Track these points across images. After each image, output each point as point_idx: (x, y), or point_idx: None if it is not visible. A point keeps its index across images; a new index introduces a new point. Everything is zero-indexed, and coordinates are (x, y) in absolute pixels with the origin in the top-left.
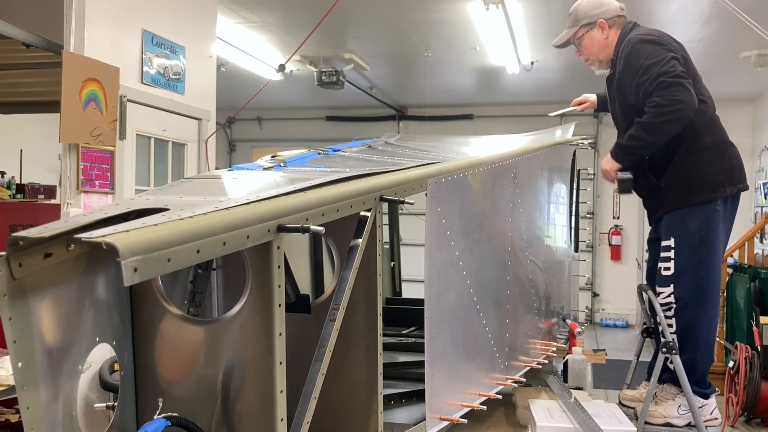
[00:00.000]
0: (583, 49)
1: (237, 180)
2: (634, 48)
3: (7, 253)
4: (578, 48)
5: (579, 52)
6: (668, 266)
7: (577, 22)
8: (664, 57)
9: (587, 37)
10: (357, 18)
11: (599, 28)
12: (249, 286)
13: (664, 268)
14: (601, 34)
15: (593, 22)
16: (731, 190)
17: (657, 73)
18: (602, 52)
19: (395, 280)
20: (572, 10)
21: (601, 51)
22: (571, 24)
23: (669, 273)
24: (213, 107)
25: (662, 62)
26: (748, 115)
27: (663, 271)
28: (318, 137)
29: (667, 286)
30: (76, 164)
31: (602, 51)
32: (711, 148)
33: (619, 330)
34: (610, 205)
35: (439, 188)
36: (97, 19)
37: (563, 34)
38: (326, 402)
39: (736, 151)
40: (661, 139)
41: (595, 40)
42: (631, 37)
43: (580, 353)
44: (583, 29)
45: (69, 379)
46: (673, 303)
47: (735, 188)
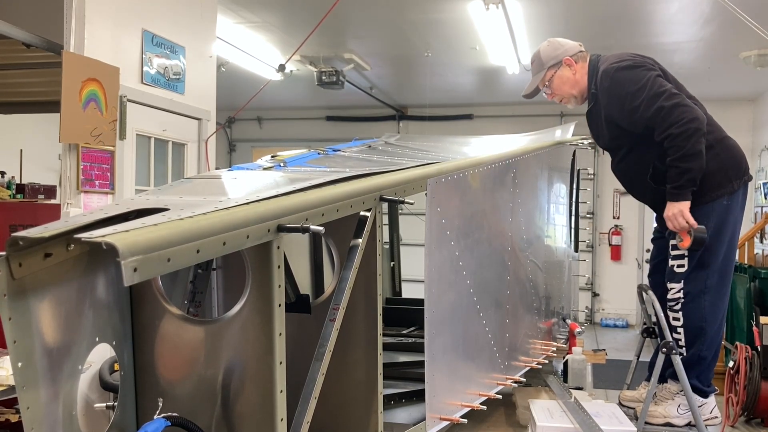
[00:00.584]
0: (554, 90)
1: (237, 180)
2: (613, 79)
3: (7, 253)
4: (550, 90)
5: (551, 94)
6: (682, 263)
7: (543, 66)
8: (648, 77)
9: (556, 78)
10: (357, 18)
11: (566, 66)
12: (249, 286)
13: (677, 265)
14: (569, 71)
15: (559, 62)
16: (738, 183)
17: (649, 97)
18: (574, 87)
19: (395, 280)
20: (533, 59)
21: (572, 87)
22: (536, 71)
23: (682, 270)
24: (213, 107)
25: (648, 84)
26: (748, 115)
27: (676, 269)
28: (318, 137)
29: (679, 282)
30: (76, 164)
31: (574, 87)
32: (714, 146)
33: (619, 330)
34: (610, 205)
35: (439, 188)
36: (97, 19)
37: (532, 82)
38: (326, 402)
39: (736, 143)
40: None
41: (565, 78)
42: (606, 69)
43: (580, 353)
44: (550, 71)
45: (69, 379)
46: (682, 298)
47: (741, 181)
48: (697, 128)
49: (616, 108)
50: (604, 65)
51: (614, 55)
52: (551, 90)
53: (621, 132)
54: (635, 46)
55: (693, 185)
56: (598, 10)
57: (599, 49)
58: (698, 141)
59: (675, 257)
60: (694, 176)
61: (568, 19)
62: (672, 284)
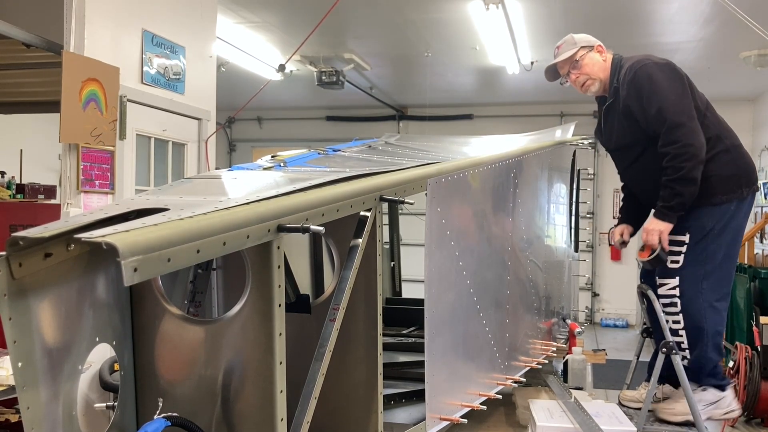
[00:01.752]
0: (584, 68)
1: (237, 180)
2: (638, 72)
3: (7, 253)
4: (577, 68)
5: (578, 72)
6: (677, 259)
7: (575, 44)
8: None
9: (588, 57)
10: (357, 18)
11: (597, 52)
12: (249, 286)
13: (672, 260)
14: (600, 57)
15: (591, 46)
16: (747, 191)
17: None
18: (602, 72)
19: (395, 280)
20: (564, 41)
21: (601, 71)
22: (567, 48)
23: (676, 266)
24: (213, 107)
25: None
26: (748, 115)
27: (670, 264)
28: (318, 137)
29: (672, 277)
30: (76, 164)
31: (602, 71)
32: (731, 150)
33: (619, 330)
34: (610, 205)
35: (439, 188)
36: (97, 19)
37: (563, 55)
38: (326, 402)
39: (748, 153)
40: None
41: (596, 60)
42: (633, 63)
43: (580, 353)
44: (583, 50)
45: (69, 379)
46: (677, 297)
47: (750, 189)
48: (695, 154)
49: (634, 99)
50: (630, 62)
51: (636, 56)
52: (580, 67)
53: (636, 129)
54: (635, 46)
55: (682, 209)
56: (598, 10)
57: None
58: (695, 167)
59: (672, 253)
60: (684, 201)
61: (568, 19)
62: (664, 279)
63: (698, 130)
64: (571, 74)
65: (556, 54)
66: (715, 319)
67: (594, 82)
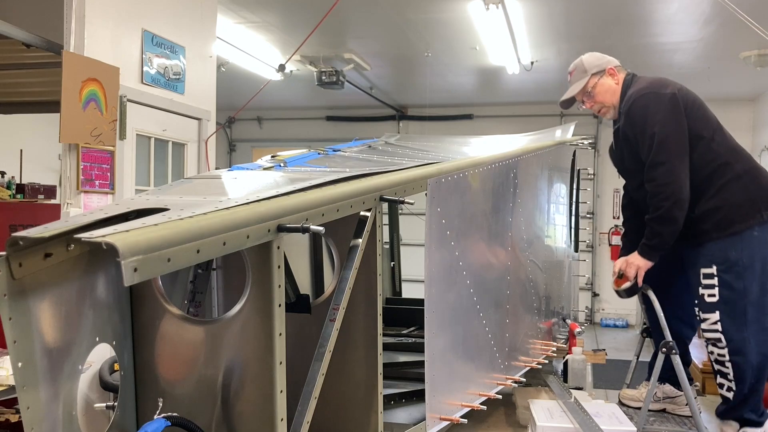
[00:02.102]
0: (596, 97)
1: (237, 180)
2: (633, 104)
3: (7, 253)
4: (591, 97)
5: (591, 101)
6: (713, 293)
7: (586, 72)
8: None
9: (599, 85)
10: (357, 18)
11: (609, 75)
12: (249, 286)
13: (708, 294)
14: (612, 81)
15: (602, 71)
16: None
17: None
18: (615, 96)
19: (395, 280)
20: (575, 66)
21: (613, 96)
22: (577, 78)
23: (714, 300)
24: (213, 107)
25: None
26: (748, 115)
27: (707, 298)
28: (318, 137)
29: (713, 312)
30: (76, 164)
31: (615, 96)
32: (743, 176)
33: (619, 330)
34: (610, 205)
35: (439, 188)
36: (97, 19)
37: (571, 89)
38: (326, 402)
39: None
40: (676, 226)
41: (607, 86)
42: (633, 92)
43: (580, 353)
44: (594, 78)
45: (69, 379)
46: (720, 331)
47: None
48: (672, 192)
49: (630, 128)
50: (632, 88)
51: (645, 80)
52: (593, 97)
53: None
54: (635, 46)
55: (662, 249)
56: (598, 10)
57: (599, 50)
58: (673, 207)
59: (706, 286)
60: (664, 240)
61: (568, 19)
62: (706, 314)
63: (680, 169)
64: (586, 103)
65: (569, 80)
66: (759, 351)
67: (608, 110)
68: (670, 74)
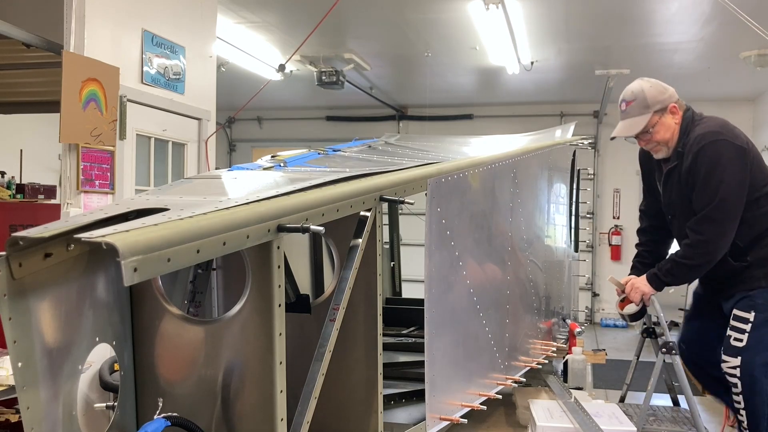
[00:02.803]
0: (655, 136)
1: (237, 180)
2: (703, 147)
3: (7, 253)
4: (650, 135)
5: (649, 139)
6: (740, 338)
7: (648, 108)
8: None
9: (660, 124)
10: (357, 18)
11: (670, 114)
12: (249, 286)
13: (734, 338)
14: (673, 119)
15: (665, 107)
16: None
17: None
18: (673, 136)
19: (395, 280)
20: (633, 97)
21: (672, 135)
22: (637, 112)
23: (740, 344)
24: (213, 107)
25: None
26: (748, 115)
27: (733, 341)
28: (318, 137)
29: (734, 356)
30: (76, 164)
31: (673, 136)
32: None
33: (619, 330)
34: (610, 205)
35: (439, 188)
36: (97, 19)
37: (632, 124)
38: (326, 402)
39: None
40: (692, 277)
41: (667, 125)
42: (703, 133)
43: (580, 353)
44: (656, 116)
45: (69, 379)
46: (738, 377)
47: None
48: (709, 252)
49: (695, 172)
50: (700, 127)
51: (712, 121)
52: (651, 135)
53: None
54: (635, 46)
55: (669, 285)
56: (598, 10)
57: (599, 50)
58: (706, 264)
59: (735, 328)
60: (676, 282)
61: (568, 19)
62: (727, 357)
63: (728, 234)
64: (641, 140)
65: (622, 109)
66: None
67: (663, 149)
68: (670, 74)
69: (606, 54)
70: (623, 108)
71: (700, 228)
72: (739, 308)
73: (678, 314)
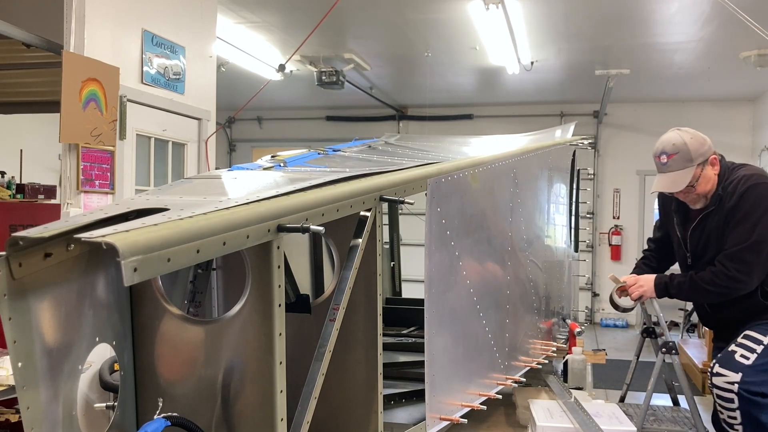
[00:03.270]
0: (698, 188)
1: (237, 180)
2: (749, 189)
3: (7, 253)
4: (693, 188)
5: (690, 191)
6: (747, 356)
7: (692, 162)
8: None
9: (702, 176)
10: (357, 18)
11: (711, 165)
12: (249, 286)
13: (741, 354)
14: (713, 170)
15: (706, 159)
16: None
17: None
18: (713, 187)
19: (395, 280)
20: (676, 150)
21: (712, 187)
22: (682, 165)
23: (745, 362)
24: (213, 107)
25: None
26: (748, 115)
27: (738, 357)
28: (318, 137)
29: (735, 372)
30: (76, 164)
31: (713, 186)
32: None
33: (619, 330)
34: (610, 205)
35: (439, 188)
36: (97, 19)
37: (677, 178)
38: (326, 402)
39: None
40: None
41: (708, 177)
42: (747, 175)
43: (580, 353)
44: (699, 168)
45: (69, 379)
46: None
47: None
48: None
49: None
50: (743, 171)
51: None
52: (695, 188)
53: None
54: (635, 46)
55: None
56: (598, 10)
57: (599, 49)
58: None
59: (743, 345)
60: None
61: (568, 19)
62: (724, 370)
63: (756, 276)
64: (680, 193)
65: (663, 162)
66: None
67: (698, 199)
68: (670, 74)
69: (606, 54)
70: (664, 161)
71: (729, 263)
72: (754, 330)
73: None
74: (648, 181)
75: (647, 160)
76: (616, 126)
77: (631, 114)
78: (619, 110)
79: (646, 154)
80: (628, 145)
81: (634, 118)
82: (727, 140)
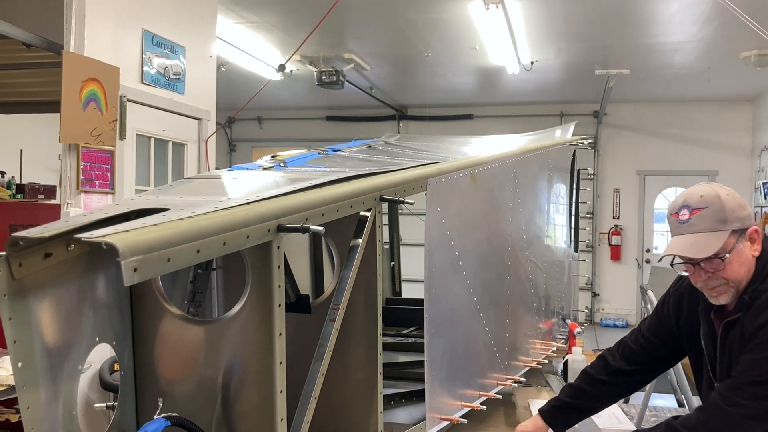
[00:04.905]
0: (728, 267)
1: (237, 180)
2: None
3: (7, 253)
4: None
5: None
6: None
7: (725, 224)
8: None
9: (735, 251)
10: (357, 18)
11: (749, 240)
12: (249, 286)
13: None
14: (751, 249)
15: (744, 229)
16: None
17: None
18: (747, 275)
19: (395, 280)
20: (707, 204)
21: (746, 273)
22: (711, 226)
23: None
24: (213, 107)
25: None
26: (748, 115)
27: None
28: (318, 137)
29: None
30: (76, 164)
31: (748, 273)
32: None
33: (619, 330)
34: (610, 205)
35: (439, 188)
36: (97, 19)
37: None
38: (326, 402)
39: None
40: None
41: (745, 257)
42: None
43: (580, 353)
44: (733, 237)
45: (69, 379)
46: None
47: None
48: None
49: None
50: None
51: None
52: (724, 265)
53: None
54: (635, 46)
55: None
56: (598, 9)
57: (599, 49)
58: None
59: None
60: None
61: (568, 19)
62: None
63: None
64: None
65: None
66: None
67: (729, 291)
68: (670, 74)
69: (606, 54)
70: (686, 217)
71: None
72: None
73: None
74: (648, 181)
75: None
76: (616, 126)
77: (631, 114)
78: (619, 110)
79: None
80: (628, 145)
81: (634, 118)
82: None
